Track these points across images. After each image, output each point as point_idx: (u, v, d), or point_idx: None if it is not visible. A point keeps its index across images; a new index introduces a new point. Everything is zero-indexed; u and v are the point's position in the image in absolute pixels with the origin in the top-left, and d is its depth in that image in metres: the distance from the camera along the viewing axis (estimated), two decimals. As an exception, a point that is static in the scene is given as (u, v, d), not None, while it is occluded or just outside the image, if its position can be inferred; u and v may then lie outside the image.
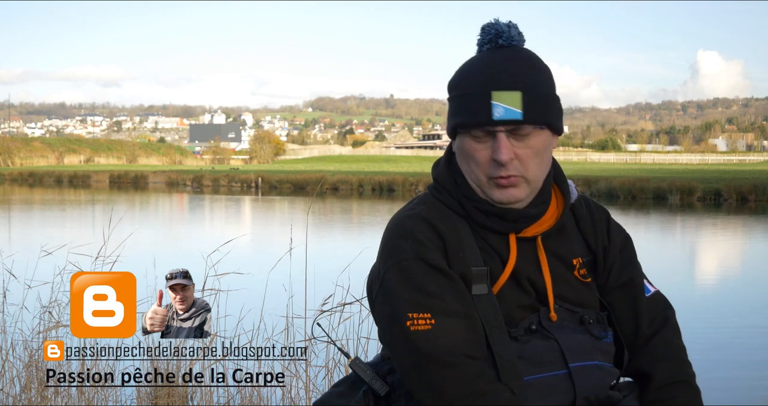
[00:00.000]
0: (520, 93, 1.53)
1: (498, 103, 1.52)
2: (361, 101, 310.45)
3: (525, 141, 1.55)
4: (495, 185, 1.56)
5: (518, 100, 1.53)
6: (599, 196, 28.56)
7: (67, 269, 3.87)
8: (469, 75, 1.58)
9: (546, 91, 1.57)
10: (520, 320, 1.58)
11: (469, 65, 1.61)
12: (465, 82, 1.58)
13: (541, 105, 1.55)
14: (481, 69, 1.57)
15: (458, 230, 1.59)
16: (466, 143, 1.57)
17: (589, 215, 1.71)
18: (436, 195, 1.65)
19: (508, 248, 1.59)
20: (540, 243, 1.62)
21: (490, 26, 1.61)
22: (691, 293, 9.09)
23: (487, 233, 1.60)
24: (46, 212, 22.53)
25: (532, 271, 1.60)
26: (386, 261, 1.58)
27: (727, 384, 5.21)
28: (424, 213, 1.60)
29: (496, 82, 1.53)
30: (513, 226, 1.59)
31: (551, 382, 1.55)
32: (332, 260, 4.70)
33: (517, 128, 1.54)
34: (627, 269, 1.71)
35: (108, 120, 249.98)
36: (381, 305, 1.58)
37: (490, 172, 1.56)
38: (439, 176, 1.66)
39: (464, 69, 1.61)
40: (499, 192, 1.57)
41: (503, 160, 1.53)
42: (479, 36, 1.62)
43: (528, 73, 1.56)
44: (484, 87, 1.54)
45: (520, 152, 1.55)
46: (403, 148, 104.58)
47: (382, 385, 1.65)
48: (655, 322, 1.68)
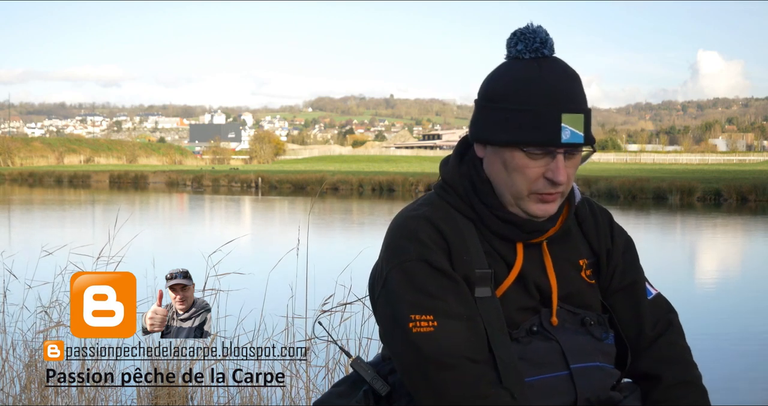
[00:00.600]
0: (583, 116, 1.53)
1: (566, 126, 1.51)
2: (361, 101, 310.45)
3: (572, 160, 1.56)
4: (537, 200, 1.55)
5: (581, 124, 1.53)
6: (599, 196, 28.57)
7: (68, 269, 3.87)
8: (530, 90, 1.53)
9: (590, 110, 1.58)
10: (521, 322, 1.58)
11: (524, 78, 1.54)
12: (526, 96, 1.53)
13: (590, 125, 1.56)
14: (546, 85, 1.52)
15: (463, 232, 1.58)
16: (516, 158, 1.54)
17: (592, 217, 1.71)
18: (442, 195, 1.63)
19: (514, 252, 1.59)
20: (545, 247, 1.62)
21: (533, 33, 1.56)
22: (691, 293, 9.09)
23: (494, 237, 1.59)
24: (47, 212, 22.54)
25: (537, 275, 1.60)
26: (389, 261, 1.57)
27: (727, 384, 5.21)
28: (429, 214, 1.59)
29: (564, 104, 1.52)
30: (525, 236, 1.59)
31: (552, 383, 1.55)
32: (332, 260, 4.70)
33: (574, 150, 1.54)
34: (630, 271, 1.71)
35: (108, 120, 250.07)
36: (383, 305, 1.58)
37: (539, 189, 1.54)
38: (449, 177, 1.64)
39: (520, 81, 1.54)
40: (537, 207, 1.56)
41: (562, 181, 1.53)
42: (519, 42, 1.57)
43: (583, 93, 1.56)
44: (553, 107, 1.51)
45: (568, 172, 1.56)
46: (403, 148, 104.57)
47: (383, 385, 1.64)
48: (659, 324, 1.68)
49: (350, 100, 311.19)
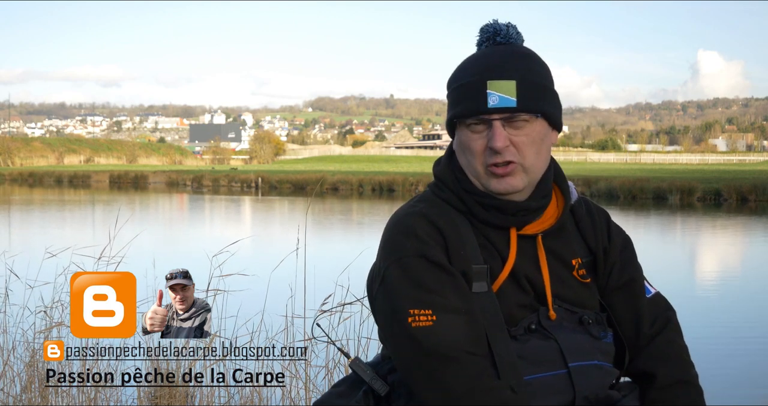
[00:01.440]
0: (515, 82, 1.55)
1: (493, 92, 1.55)
2: (361, 101, 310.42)
3: (521, 129, 1.57)
4: (492, 175, 1.57)
5: (513, 89, 1.55)
6: (599, 196, 28.57)
7: (69, 269, 3.87)
8: (464, 68, 1.61)
9: (541, 81, 1.59)
10: (520, 319, 1.58)
11: (465, 61, 1.64)
12: (461, 75, 1.61)
13: (536, 94, 1.57)
14: (477, 61, 1.60)
15: (459, 227, 1.59)
16: (463, 135, 1.60)
17: (589, 216, 1.72)
18: (437, 192, 1.65)
19: (509, 246, 1.60)
20: (540, 242, 1.62)
21: (488, 26, 1.64)
22: (691, 293, 9.09)
23: (488, 229, 1.60)
24: (47, 213, 22.54)
25: (530, 269, 1.60)
26: (387, 258, 1.58)
27: (726, 384, 5.21)
28: (425, 210, 1.60)
29: (490, 71, 1.56)
30: (513, 220, 1.60)
31: (550, 382, 1.55)
32: (332, 260, 4.70)
33: (513, 117, 1.55)
34: (627, 269, 1.71)
35: (108, 120, 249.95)
36: (381, 301, 1.58)
37: (487, 161, 1.57)
38: (440, 173, 1.67)
39: (461, 64, 1.64)
40: (496, 182, 1.58)
41: (498, 146, 1.54)
42: (478, 36, 1.65)
43: (523, 64, 1.58)
44: (479, 77, 1.56)
45: (515, 140, 1.56)
46: (403, 148, 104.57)
47: (382, 385, 1.65)
48: (657, 323, 1.69)
49: (350, 100, 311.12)
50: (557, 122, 1.62)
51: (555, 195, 1.67)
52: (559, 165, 1.70)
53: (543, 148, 1.60)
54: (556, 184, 1.68)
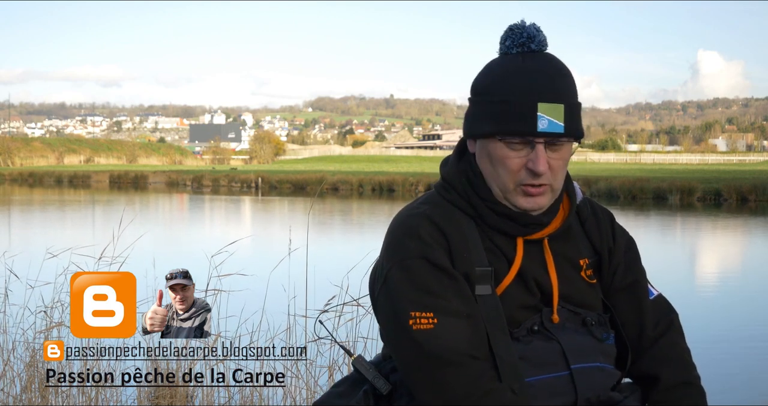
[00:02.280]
0: (563, 106, 1.54)
1: (543, 115, 1.53)
2: (361, 101, 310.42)
3: (558, 152, 1.56)
4: (523, 193, 1.57)
5: (561, 114, 1.54)
6: (599, 196, 28.57)
7: (69, 269, 3.87)
8: (508, 81, 1.56)
9: (579, 102, 1.59)
10: (523, 321, 1.58)
11: (504, 69, 1.58)
12: (505, 87, 1.56)
13: (578, 117, 1.57)
14: (524, 77, 1.55)
15: (464, 229, 1.58)
16: (497, 149, 1.56)
17: (594, 217, 1.72)
18: (443, 194, 1.64)
19: (515, 249, 1.59)
20: (546, 245, 1.62)
21: (520, 29, 1.60)
22: (691, 293, 9.09)
23: (495, 233, 1.60)
24: (47, 213, 22.54)
25: (538, 272, 1.60)
26: (389, 259, 1.57)
27: (726, 384, 5.21)
28: (429, 212, 1.60)
29: (541, 93, 1.53)
30: (522, 230, 1.59)
31: (553, 383, 1.55)
32: (333, 261, 4.70)
33: (556, 140, 1.55)
34: (631, 271, 1.71)
35: (108, 120, 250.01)
36: (383, 303, 1.58)
37: (522, 180, 1.56)
38: (449, 175, 1.65)
39: (500, 73, 1.58)
40: (525, 200, 1.57)
41: (541, 171, 1.54)
42: (508, 38, 1.60)
43: (567, 84, 1.57)
44: (529, 97, 1.53)
45: (552, 163, 1.56)
46: (403, 148, 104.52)
47: (384, 383, 1.64)
48: (660, 325, 1.68)
49: (350, 100, 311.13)
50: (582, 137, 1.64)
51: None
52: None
53: (566, 167, 1.61)
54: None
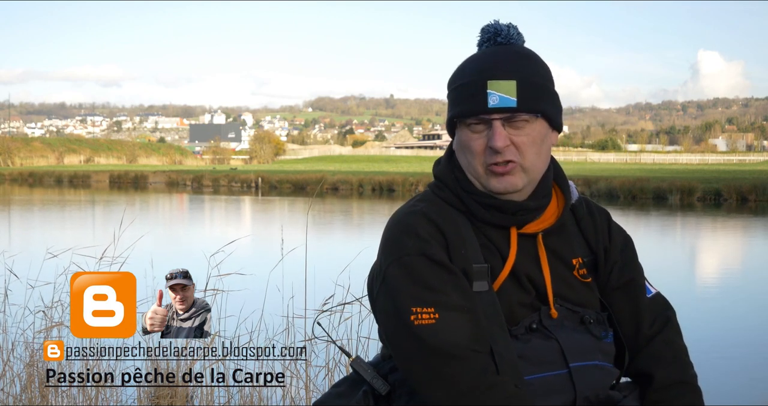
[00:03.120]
0: (515, 82, 1.56)
1: (493, 92, 1.55)
2: (361, 101, 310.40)
3: (521, 130, 1.57)
4: (492, 174, 1.58)
5: (513, 89, 1.55)
6: (599, 196, 28.57)
7: (69, 269, 3.87)
8: (465, 68, 1.62)
9: (542, 82, 1.59)
10: (521, 318, 1.58)
11: (465, 61, 1.64)
12: (461, 75, 1.62)
13: (537, 95, 1.58)
14: (477, 61, 1.60)
15: (459, 226, 1.59)
16: (463, 134, 1.60)
17: (590, 215, 1.72)
18: (436, 192, 1.66)
19: (509, 245, 1.60)
20: (540, 241, 1.62)
21: (489, 26, 1.65)
22: (691, 292, 9.09)
23: (489, 228, 1.61)
24: (47, 212, 22.54)
25: (531, 268, 1.60)
26: (388, 257, 1.58)
27: (726, 384, 5.21)
28: (426, 209, 1.61)
29: (491, 71, 1.56)
30: (513, 219, 1.60)
31: (551, 382, 1.55)
32: (332, 260, 4.70)
33: (513, 117, 1.56)
34: (628, 269, 1.71)
35: (108, 120, 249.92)
36: (383, 300, 1.58)
37: (487, 160, 1.57)
38: (440, 173, 1.67)
39: (461, 64, 1.64)
40: (496, 181, 1.58)
41: (498, 146, 1.55)
42: (478, 36, 1.65)
43: (523, 64, 1.59)
44: (480, 76, 1.57)
45: (516, 140, 1.57)
46: (403, 148, 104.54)
47: (383, 384, 1.64)
48: (657, 323, 1.69)
49: (350, 100, 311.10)
50: (557, 123, 1.63)
51: (555, 194, 1.68)
52: (560, 165, 1.70)
53: (543, 149, 1.60)
54: (556, 184, 1.68)
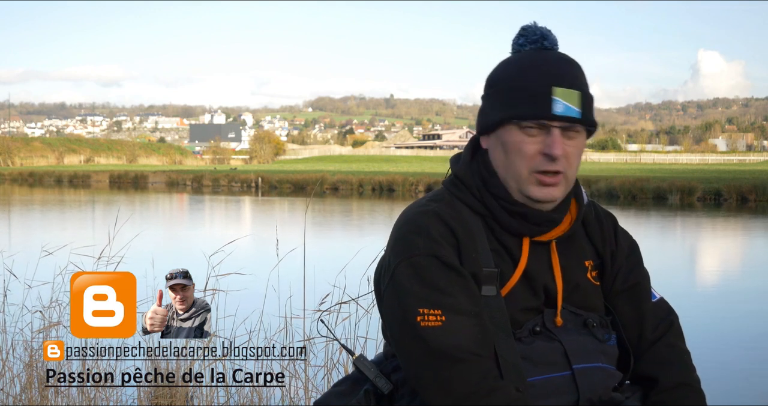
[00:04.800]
0: (579, 93, 1.55)
1: (559, 99, 1.53)
2: (361, 101, 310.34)
3: (573, 140, 1.56)
4: (537, 182, 1.56)
5: (577, 100, 1.55)
6: (599, 196, 28.56)
7: (68, 269, 3.87)
8: (523, 69, 1.58)
9: (593, 95, 1.60)
10: (524, 322, 1.58)
11: (520, 61, 1.60)
12: (520, 75, 1.57)
13: (592, 108, 1.58)
14: (539, 64, 1.57)
15: (472, 229, 1.58)
16: (513, 135, 1.56)
17: (597, 220, 1.72)
18: (453, 191, 1.64)
19: (521, 250, 1.59)
20: (554, 247, 1.62)
21: (534, 28, 1.62)
22: (691, 293, 9.09)
23: (503, 233, 1.60)
24: (47, 212, 22.53)
25: (544, 274, 1.60)
26: (398, 255, 1.56)
27: (726, 384, 5.21)
28: (439, 210, 1.59)
29: (557, 78, 1.54)
30: (536, 229, 1.59)
31: (555, 383, 1.55)
32: (332, 260, 4.70)
33: (571, 127, 1.55)
34: (634, 273, 1.71)
35: (108, 120, 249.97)
36: (390, 299, 1.57)
37: (537, 166, 1.55)
38: (461, 172, 1.65)
39: (516, 64, 1.60)
40: (539, 189, 1.56)
41: (557, 154, 1.53)
42: (522, 36, 1.62)
43: (582, 76, 1.59)
44: (545, 80, 1.54)
45: (568, 150, 1.56)
46: (403, 148, 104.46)
47: (386, 383, 1.63)
48: (660, 327, 1.68)
49: (350, 100, 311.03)
50: (591, 136, 1.64)
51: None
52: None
53: (580, 161, 1.61)
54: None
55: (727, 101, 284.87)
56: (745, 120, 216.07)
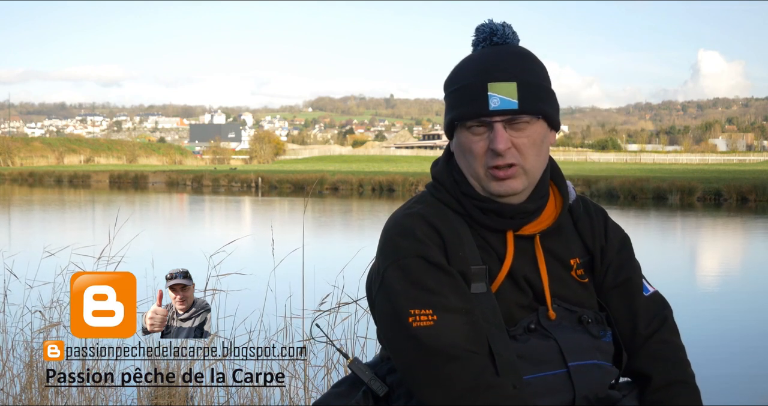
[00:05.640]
0: (516, 83, 1.56)
1: (494, 94, 1.55)
2: (361, 101, 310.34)
3: (522, 131, 1.57)
4: (492, 177, 1.58)
5: (514, 91, 1.55)
6: (599, 196, 28.56)
7: (68, 269, 3.87)
8: (463, 70, 1.61)
9: (541, 82, 1.60)
10: (519, 319, 1.58)
11: (463, 62, 1.64)
12: (460, 76, 1.61)
13: (537, 96, 1.58)
14: (476, 63, 1.60)
15: (457, 228, 1.59)
16: (463, 137, 1.59)
17: (587, 215, 1.72)
18: (434, 193, 1.66)
19: (506, 246, 1.60)
20: (538, 242, 1.63)
21: (484, 26, 1.64)
22: (691, 292, 9.09)
23: (483, 231, 1.61)
24: (47, 212, 22.53)
25: (529, 269, 1.61)
26: (386, 259, 1.58)
27: (726, 383, 5.21)
28: (423, 211, 1.61)
29: (491, 73, 1.56)
30: (511, 223, 1.60)
31: (550, 381, 1.55)
32: (331, 260, 4.70)
33: (514, 118, 1.56)
34: (625, 268, 1.71)
35: (108, 120, 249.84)
36: (381, 302, 1.58)
37: (488, 163, 1.57)
38: (438, 174, 1.67)
39: (459, 66, 1.64)
40: (497, 184, 1.58)
41: (500, 148, 1.55)
42: (474, 36, 1.65)
43: (522, 65, 1.59)
44: (480, 78, 1.56)
45: (517, 142, 1.57)
46: (403, 148, 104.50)
47: (381, 385, 1.65)
48: (654, 322, 1.68)
49: (350, 100, 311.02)
50: (556, 123, 1.63)
51: (553, 195, 1.68)
52: (558, 165, 1.70)
53: (543, 150, 1.60)
54: (554, 184, 1.68)
55: (727, 101, 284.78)
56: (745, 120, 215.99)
